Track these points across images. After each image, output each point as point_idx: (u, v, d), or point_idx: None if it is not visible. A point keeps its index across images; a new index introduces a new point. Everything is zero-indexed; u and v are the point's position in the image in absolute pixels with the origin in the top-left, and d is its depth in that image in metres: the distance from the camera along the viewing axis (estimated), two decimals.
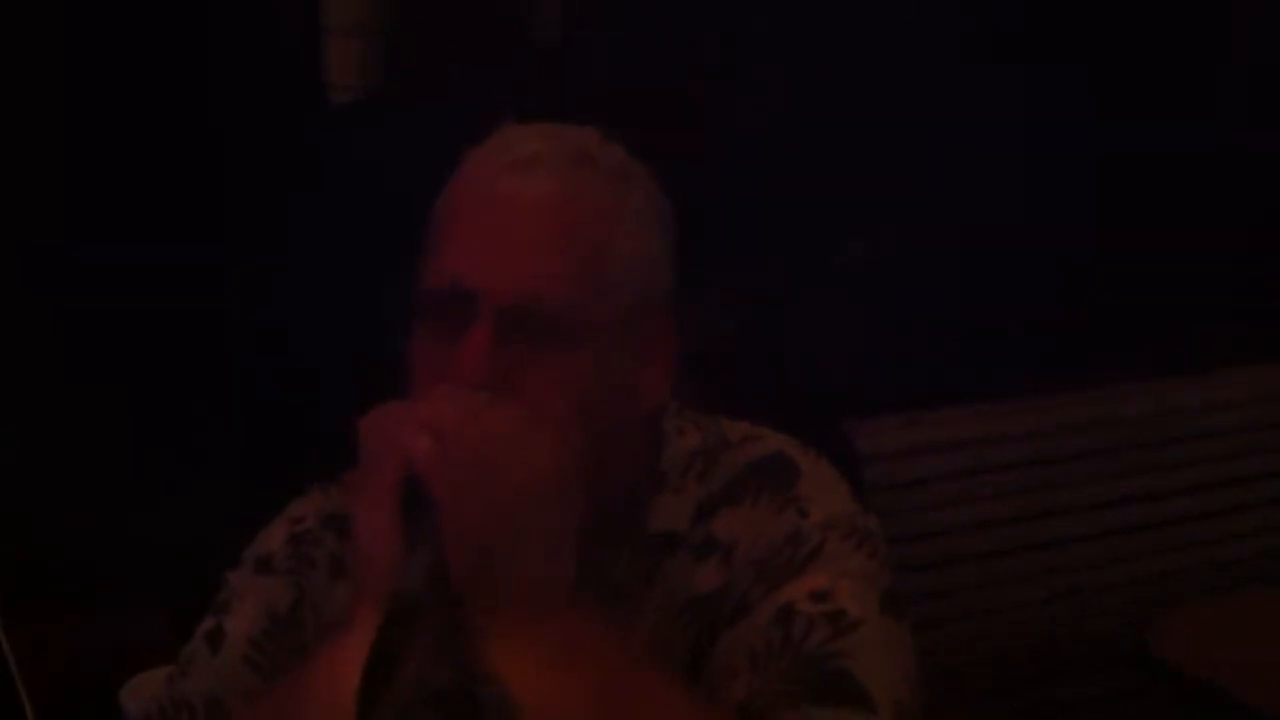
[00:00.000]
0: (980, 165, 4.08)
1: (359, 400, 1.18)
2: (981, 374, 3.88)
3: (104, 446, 3.44)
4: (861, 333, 4.15)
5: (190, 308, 3.55)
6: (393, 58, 3.69)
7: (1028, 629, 3.38)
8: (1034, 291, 4.27)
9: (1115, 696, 3.19)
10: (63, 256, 3.44)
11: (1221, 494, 3.59)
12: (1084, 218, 4.29)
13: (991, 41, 4.21)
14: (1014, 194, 4.19)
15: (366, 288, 2.72)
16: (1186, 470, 3.57)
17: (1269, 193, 4.49)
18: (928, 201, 4.15)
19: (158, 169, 3.51)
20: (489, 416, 1.11)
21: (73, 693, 2.30)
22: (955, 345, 4.16)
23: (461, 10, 3.77)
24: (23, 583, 2.59)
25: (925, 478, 3.34)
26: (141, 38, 3.48)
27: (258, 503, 1.43)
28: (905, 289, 4.16)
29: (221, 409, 3.59)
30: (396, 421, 1.11)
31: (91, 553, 3.24)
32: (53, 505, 3.32)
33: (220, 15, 3.57)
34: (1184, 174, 4.43)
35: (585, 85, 3.83)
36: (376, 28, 3.68)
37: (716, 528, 1.30)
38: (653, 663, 1.18)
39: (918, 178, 4.09)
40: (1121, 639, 3.08)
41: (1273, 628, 2.84)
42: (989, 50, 4.20)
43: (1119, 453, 3.51)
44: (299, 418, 3.48)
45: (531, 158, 1.24)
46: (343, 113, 3.69)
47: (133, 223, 3.48)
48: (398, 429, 1.10)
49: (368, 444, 1.12)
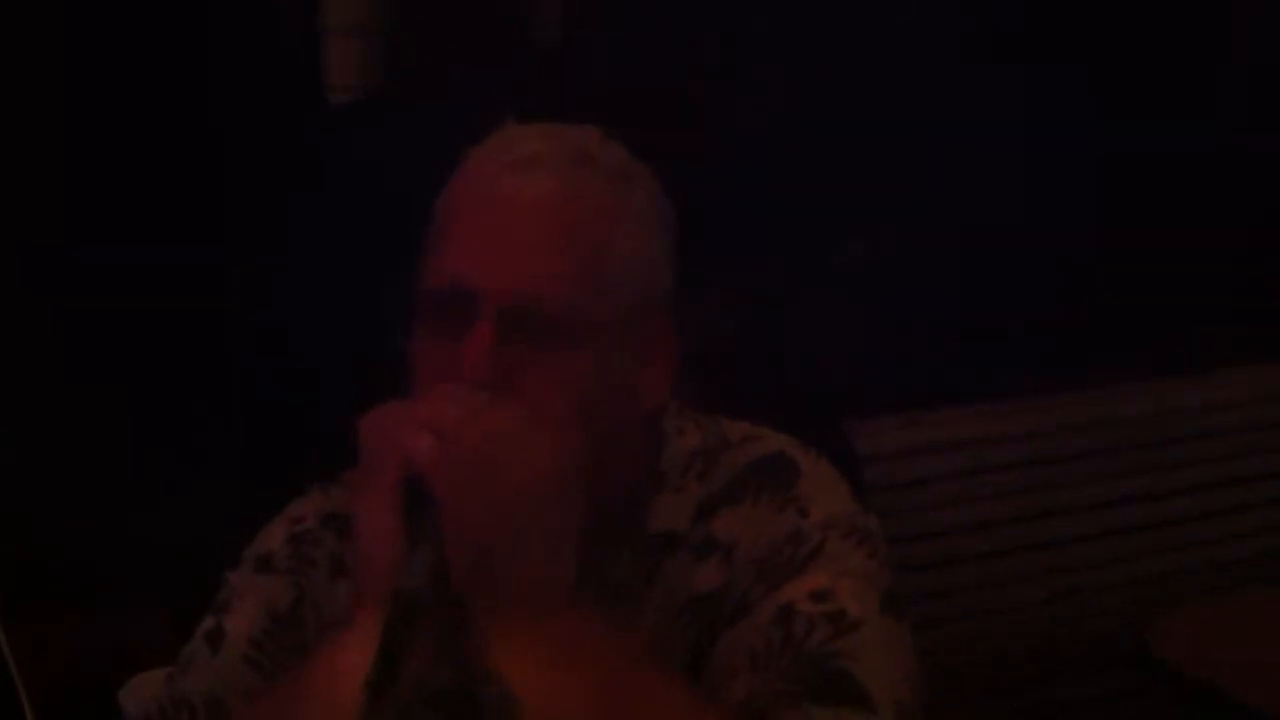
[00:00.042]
0: (980, 165, 4.08)
1: (359, 400, 1.18)
2: (981, 374, 3.87)
3: (104, 446, 3.44)
4: (861, 333, 4.15)
5: (190, 308, 3.55)
6: (393, 58, 3.69)
7: (1028, 629, 3.38)
8: (1034, 291, 4.26)
9: (1115, 696, 3.19)
10: (63, 256, 3.44)
11: (1221, 494, 3.59)
12: (1084, 218, 4.29)
13: (991, 41, 4.20)
14: (1014, 194, 4.19)
15: (366, 288, 2.72)
16: (1186, 470, 3.57)
17: (1269, 193, 4.48)
18: (928, 201, 4.15)
19: (158, 169, 3.51)
20: (489, 416, 1.11)
21: (73, 693, 2.30)
22: (955, 345, 4.15)
23: (461, 10, 3.77)
24: (23, 583, 2.59)
25: (925, 478, 3.34)
26: (142, 38, 3.48)
27: (258, 503, 1.43)
28: (905, 289, 4.16)
29: (221, 409, 3.59)
30: (397, 421, 1.11)
31: (91, 553, 3.24)
32: (53, 505, 3.32)
33: (220, 15, 3.57)
34: (1184, 174, 4.43)
35: (585, 85, 3.83)
36: (376, 28, 3.68)
37: (717, 527, 1.30)
38: (653, 662, 1.18)
39: (918, 178, 4.09)
40: (1121, 639, 3.07)
41: (1273, 628, 2.84)
42: (989, 50, 4.19)
43: (1119, 453, 3.51)
44: (299, 418, 3.48)
45: (532, 157, 1.24)
46: (343, 113, 3.69)
47: (133, 223, 3.48)
48: (398, 428, 1.11)
49: (368, 443, 1.13)
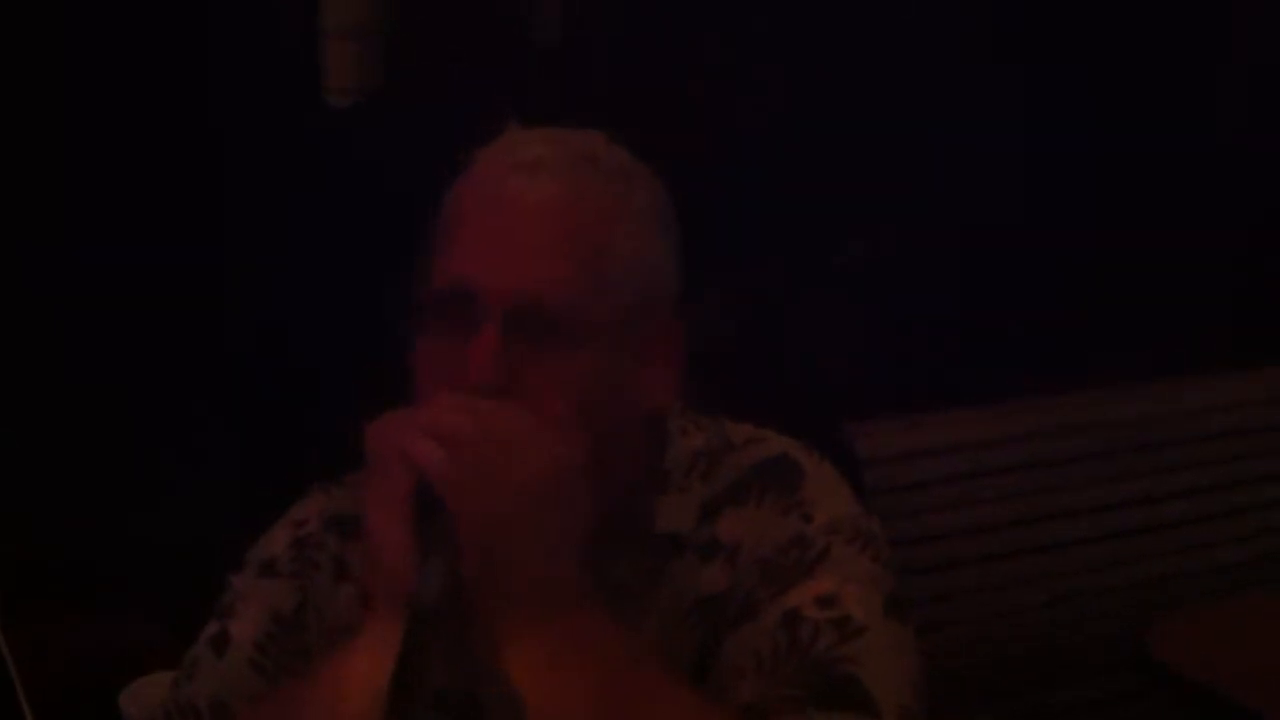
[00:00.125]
0: (980, 165, 4.08)
1: (359, 400, 1.18)
2: (981, 375, 3.87)
3: (104, 446, 3.44)
4: (861, 333, 4.15)
5: (190, 308, 3.55)
6: (393, 58, 3.69)
7: (1028, 632, 3.37)
8: (1034, 291, 4.26)
9: (1115, 699, 3.18)
10: (63, 256, 3.44)
11: (1222, 496, 3.58)
12: (1084, 218, 4.29)
13: (991, 41, 4.20)
14: (1014, 194, 4.19)
15: (366, 288, 2.72)
16: (1187, 472, 3.56)
17: (1269, 193, 4.48)
18: (928, 201, 4.15)
19: (158, 170, 3.51)
20: (496, 423, 1.12)
21: (73, 693, 2.29)
22: (955, 346, 4.16)
23: (461, 10, 3.77)
24: (23, 583, 2.58)
25: (925, 480, 3.32)
26: (142, 39, 3.48)
27: (258, 503, 1.43)
28: (905, 289, 4.16)
29: (222, 409, 3.59)
30: (404, 429, 1.12)
31: (91, 553, 3.24)
32: (53, 505, 3.32)
33: (220, 16, 3.57)
34: (1184, 174, 4.43)
35: (585, 85, 3.83)
36: (375, 29, 3.68)
37: (721, 529, 1.30)
38: (656, 662, 1.18)
39: (918, 178, 4.09)
40: (1122, 642, 3.06)
41: (1273, 631, 2.83)
42: (989, 50, 4.19)
43: (1119, 455, 3.50)
44: (299, 418, 3.48)
45: (536, 162, 1.24)
46: (343, 113, 3.69)
47: (133, 223, 3.48)
48: (406, 437, 1.11)
49: (376, 452, 1.13)
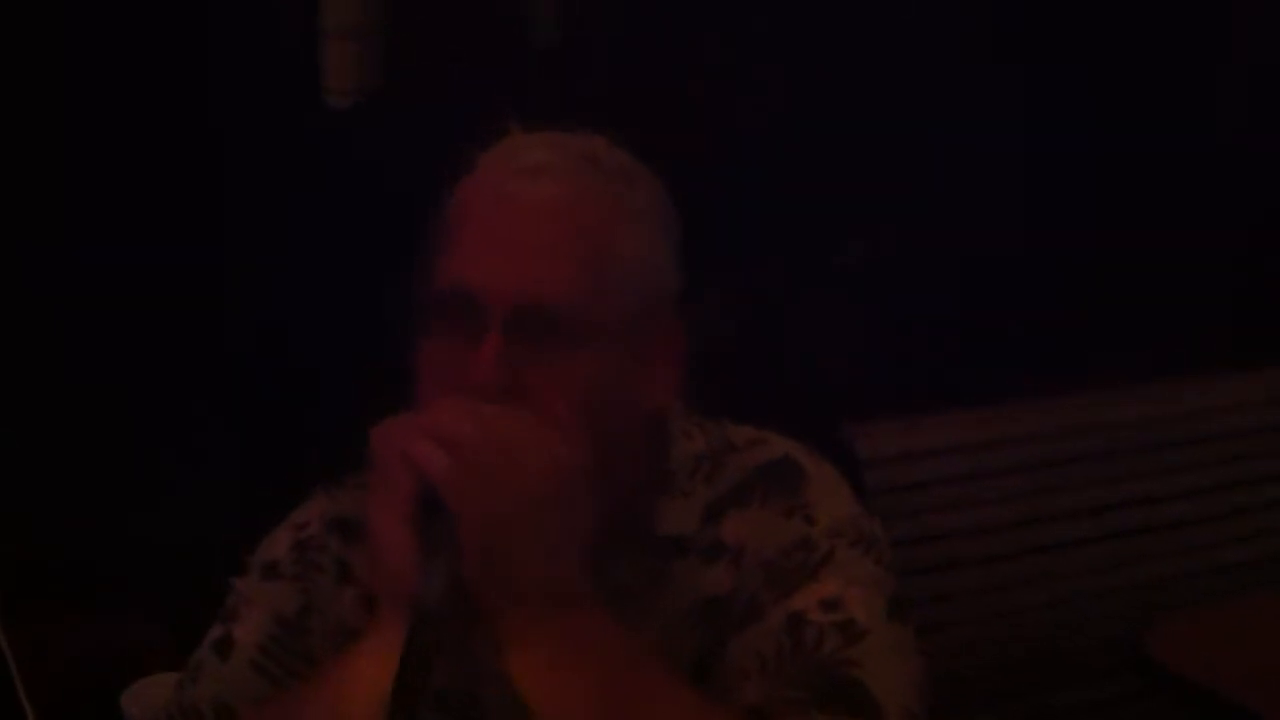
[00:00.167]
0: (980, 165, 4.08)
1: (360, 401, 1.18)
2: (981, 375, 3.87)
3: (104, 446, 3.44)
4: (861, 333, 4.15)
5: (190, 308, 3.55)
6: (393, 58, 3.69)
7: (1029, 633, 3.36)
8: (1034, 291, 4.26)
9: (1116, 701, 3.18)
10: (63, 256, 3.44)
11: (1223, 497, 3.57)
12: (1084, 218, 4.29)
13: (991, 41, 4.20)
14: (1014, 194, 4.19)
15: (366, 288, 2.72)
16: (1187, 473, 3.55)
17: (1269, 193, 4.48)
18: (928, 201, 4.15)
19: (158, 169, 3.51)
20: (500, 426, 1.13)
21: (73, 693, 2.29)
22: (955, 346, 4.15)
23: (461, 11, 3.76)
24: (23, 583, 2.58)
25: (925, 481, 3.32)
26: (142, 40, 3.48)
27: (258, 504, 1.43)
28: (905, 289, 4.16)
29: (222, 409, 3.59)
30: (408, 434, 1.12)
31: (91, 553, 3.24)
32: (53, 505, 3.32)
33: (220, 16, 3.57)
34: (1184, 174, 4.42)
35: (585, 85, 3.83)
36: (374, 30, 3.68)
37: (724, 531, 1.31)
38: (658, 663, 1.19)
39: (918, 178, 4.09)
40: (1123, 643, 3.06)
41: (1275, 632, 2.82)
42: (989, 50, 4.19)
43: (1119, 456, 3.50)
44: (299, 418, 3.48)
45: (538, 165, 1.25)
46: (343, 113, 3.69)
47: (133, 223, 3.48)
48: (410, 441, 1.11)
49: (380, 456, 1.13)
